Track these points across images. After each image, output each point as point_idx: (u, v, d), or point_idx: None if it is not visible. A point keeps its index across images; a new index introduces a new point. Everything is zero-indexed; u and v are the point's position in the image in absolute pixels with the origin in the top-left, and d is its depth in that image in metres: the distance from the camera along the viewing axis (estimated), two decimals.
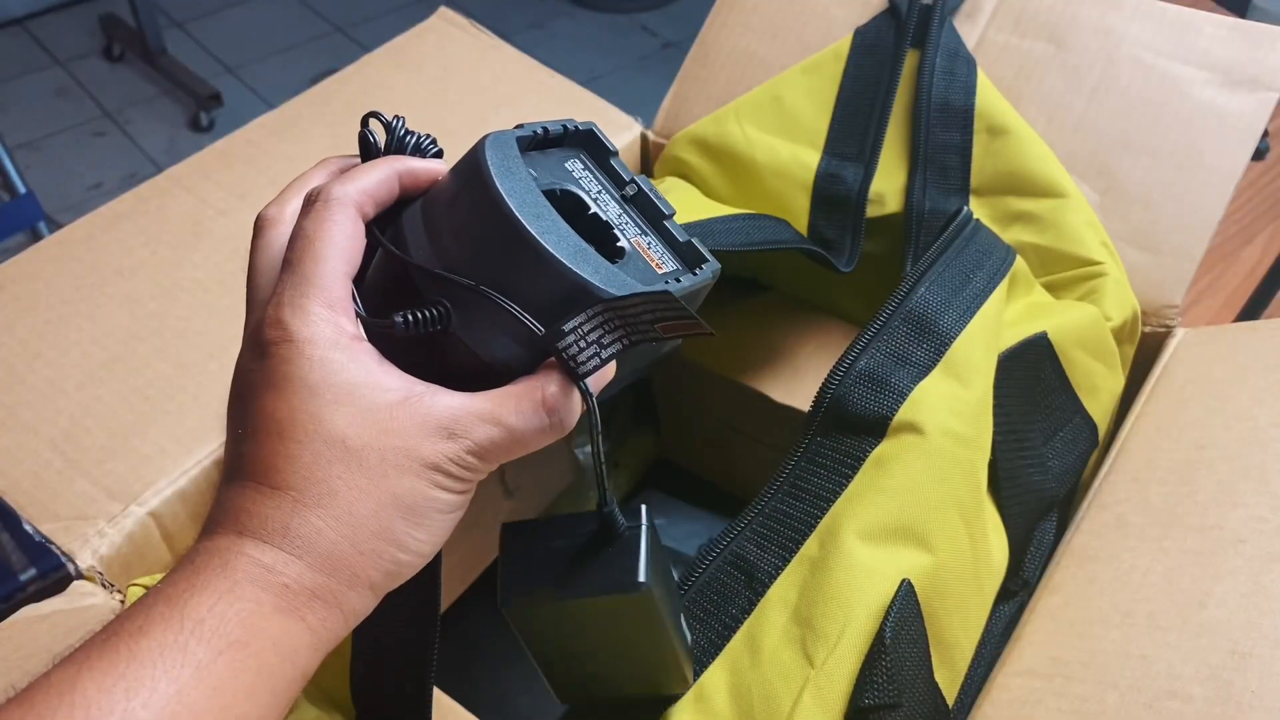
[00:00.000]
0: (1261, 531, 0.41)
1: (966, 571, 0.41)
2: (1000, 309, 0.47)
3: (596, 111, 0.66)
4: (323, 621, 0.26)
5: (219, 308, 0.52)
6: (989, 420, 0.44)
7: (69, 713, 0.22)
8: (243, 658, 0.24)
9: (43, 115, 1.80)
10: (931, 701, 0.39)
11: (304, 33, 2.06)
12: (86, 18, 2.01)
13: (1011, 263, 0.50)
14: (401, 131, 0.34)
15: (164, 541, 0.46)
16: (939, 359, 0.43)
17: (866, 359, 0.43)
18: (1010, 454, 0.45)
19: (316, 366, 0.27)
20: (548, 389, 0.28)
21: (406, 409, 0.27)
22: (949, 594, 0.40)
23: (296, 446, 0.26)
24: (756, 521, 0.41)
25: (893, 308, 0.45)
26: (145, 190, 0.58)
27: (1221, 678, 0.36)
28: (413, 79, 0.66)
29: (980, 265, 0.48)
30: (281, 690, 0.25)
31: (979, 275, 0.47)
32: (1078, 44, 0.59)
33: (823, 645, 0.37)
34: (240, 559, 0.26)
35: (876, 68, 0.60)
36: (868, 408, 0.42)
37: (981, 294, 0.47)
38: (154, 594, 0.26)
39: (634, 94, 0.74)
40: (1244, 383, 0.49)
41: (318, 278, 0.28)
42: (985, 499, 0.43)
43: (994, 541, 0.43)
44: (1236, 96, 0.56)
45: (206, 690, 0.24)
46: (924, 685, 0.38)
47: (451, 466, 0.27)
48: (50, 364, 0.49)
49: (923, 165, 0.58)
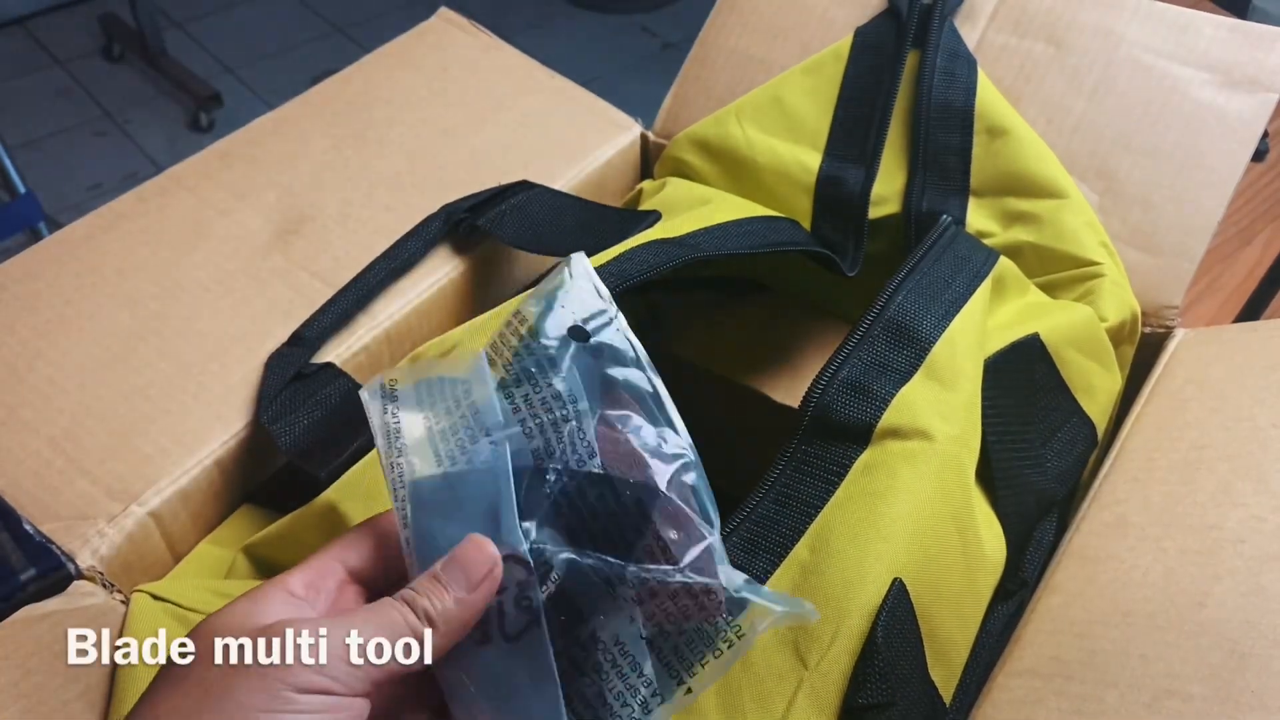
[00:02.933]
0: (1261, 531, 0.41)
1: (957, 568, 0.41)
2: (983, 312, 0.48)
3: (596, 111, 0.67)
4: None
5: (219, 307, 0.52)
6: (976, 420, 0.44)
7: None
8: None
9: (43, 115, 1.80)
10: (928, 699, 0.39)
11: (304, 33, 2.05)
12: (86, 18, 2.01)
13: (992, 266, 0.50)
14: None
15: (164, 541, 0.46)
16: (919, 364, 0.44)
17: (849, 369, 0.43)
18: (1006, 454, 0.46)
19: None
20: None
21: None
22: (941, 591, 0.40)
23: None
24: (744, 528, 0.41)
25: (872, 317, 0.45)
26: (145, 190, 0.58)
27: (1221, 677, 0.36)
28: (413, 79, 0.66)
29: (959, 270, 0.49)
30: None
31: (958, 280, 0.48)
32: (1078, 45, 0.59)
33: (816, 646, 0.37)
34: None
35: (877, 68, 0.60)
36: (852, 415, 0.42)
37: (960, 298, 0.47)
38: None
39: (634, 94, 0.74)
40: (1243, 383, 0.49)
41: None
42: (975, 496, 0.43)
43: (986, 537, 0.43)
44: (1236, 97, 0.56)
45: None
46: (919, 683, 0.39)
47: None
48: (50, 364, 0.49)
49: (922, 167, 0.58)
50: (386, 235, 0.56)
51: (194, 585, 0.42)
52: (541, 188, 0.59)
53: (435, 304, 0.56)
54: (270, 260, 0.55)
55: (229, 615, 0.28)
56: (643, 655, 0.30)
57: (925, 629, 0.39)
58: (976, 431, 0.44)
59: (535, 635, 0.28)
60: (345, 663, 0.26)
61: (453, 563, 0.28)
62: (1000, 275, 0.51)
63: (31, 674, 0.38)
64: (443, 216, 0.57)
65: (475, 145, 0.63)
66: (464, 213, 0.57)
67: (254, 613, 0.28)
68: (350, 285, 0.53)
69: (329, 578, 0.30)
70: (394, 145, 0.62)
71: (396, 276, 0.55)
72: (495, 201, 0.57)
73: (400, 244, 0.55)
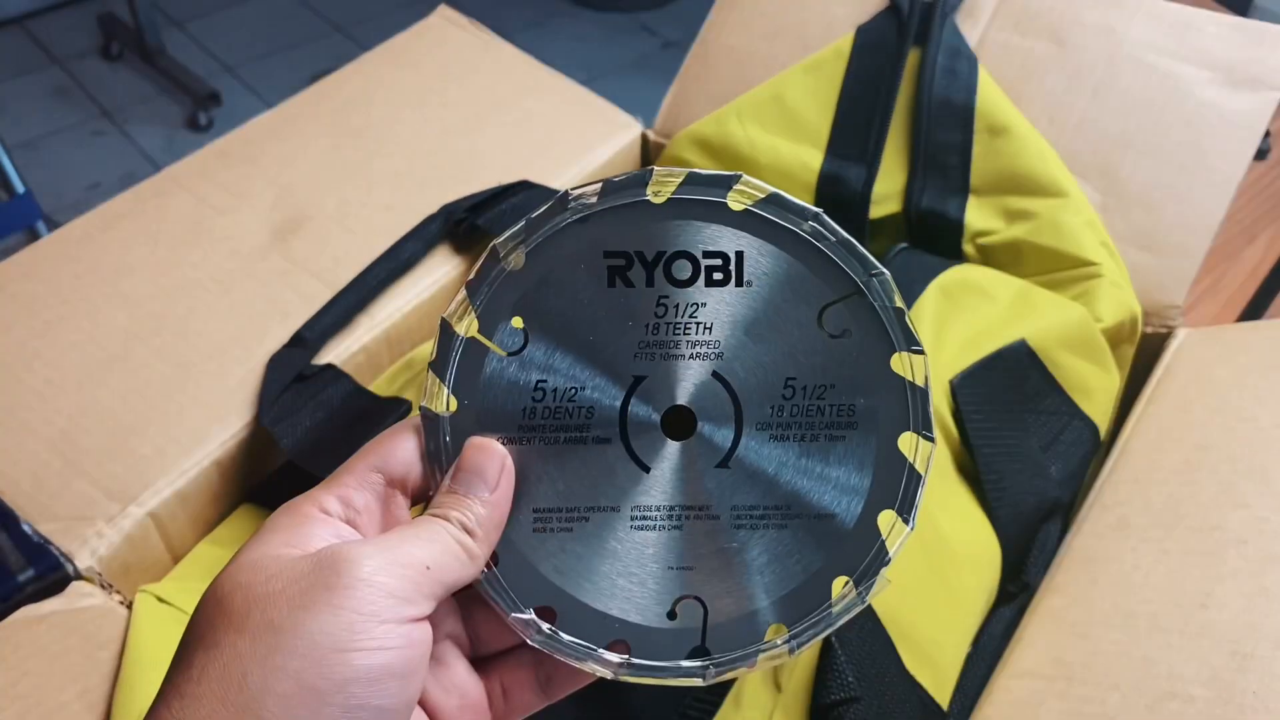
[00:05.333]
0: (1263, 532, 0.41)
1: (918, 566, 0.41)
2: (931, 315, 0.49)
3: (596, 110, 0.66)
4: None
5: (218, 307, 0.52)
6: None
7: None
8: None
9: (41, 114, 1.80)
10: (915, 699, 0.39)
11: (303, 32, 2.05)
12: (85, 17, 2.01)
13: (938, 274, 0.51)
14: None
15: (163, 542, 0.46)
16: None
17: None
18: (997, 459, 0.46)
19: None
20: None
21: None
22: (902, 589, 0.40)
23: None
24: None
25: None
26: (143, 190, 0.58)
27: (1223, 679, 0.36)
28: (412, 78, 0.66)
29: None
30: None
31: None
32: (1079, 43, 0.59)
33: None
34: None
35: (878, 66, 0.60)
36: None
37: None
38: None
39: (634, 94, 0.74)
40: (1246, 383, 0.49)
41: None
42: (947, 494, 0.44)
43: (962, 536, 0.44)
44: (1238, 96, 0.56)
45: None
46: (896, 681, 0.39)
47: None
48: (49, 364, 0.49)
49: (923, 166, 0.58)
50: (386, 235, 0.56)
51: (196, 591, 0.42)
52: (541, 188, 0.59)
53: (435, 304, 0.56)
54: (269, 260, 0.54)
55: (265, 547, 0.25)
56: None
57: (894, 630, 0.40)
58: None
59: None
60: (413, 584, 0.25)
61: (462, 471, 0.27)
62: (942, 285, 0.52)
63: (29, 675, 0.37)
64: (443, 216, 0.57)
65: (475, 145, 0.62)
66: (464, 213, 0.56)
67: (295, 540, 0.25)
68: (350, 286, 0.53)
69: (366, 490, 0.27)
70: (393, 144, 0.62)
71: (396, 277, 0.54)
72: (495, 201, 0.57)
73: (400, 244, 0.55)
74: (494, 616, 0.28)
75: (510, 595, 0.28)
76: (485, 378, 0.28)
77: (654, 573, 0.28)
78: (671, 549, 0.28)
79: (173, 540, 0.47)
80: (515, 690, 0.29)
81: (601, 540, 0.28)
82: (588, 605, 0.28)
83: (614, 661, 0.28)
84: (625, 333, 0.28)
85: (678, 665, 0.28)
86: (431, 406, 0.28)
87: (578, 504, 0.28)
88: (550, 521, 0.28)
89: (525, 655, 0.29)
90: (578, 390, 0.28)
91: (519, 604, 0.28)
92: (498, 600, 0.28)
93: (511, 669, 0.29)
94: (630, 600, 0.28)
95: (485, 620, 0.29)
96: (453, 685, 0.28)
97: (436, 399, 0.28)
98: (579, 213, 0.27)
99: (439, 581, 0.25)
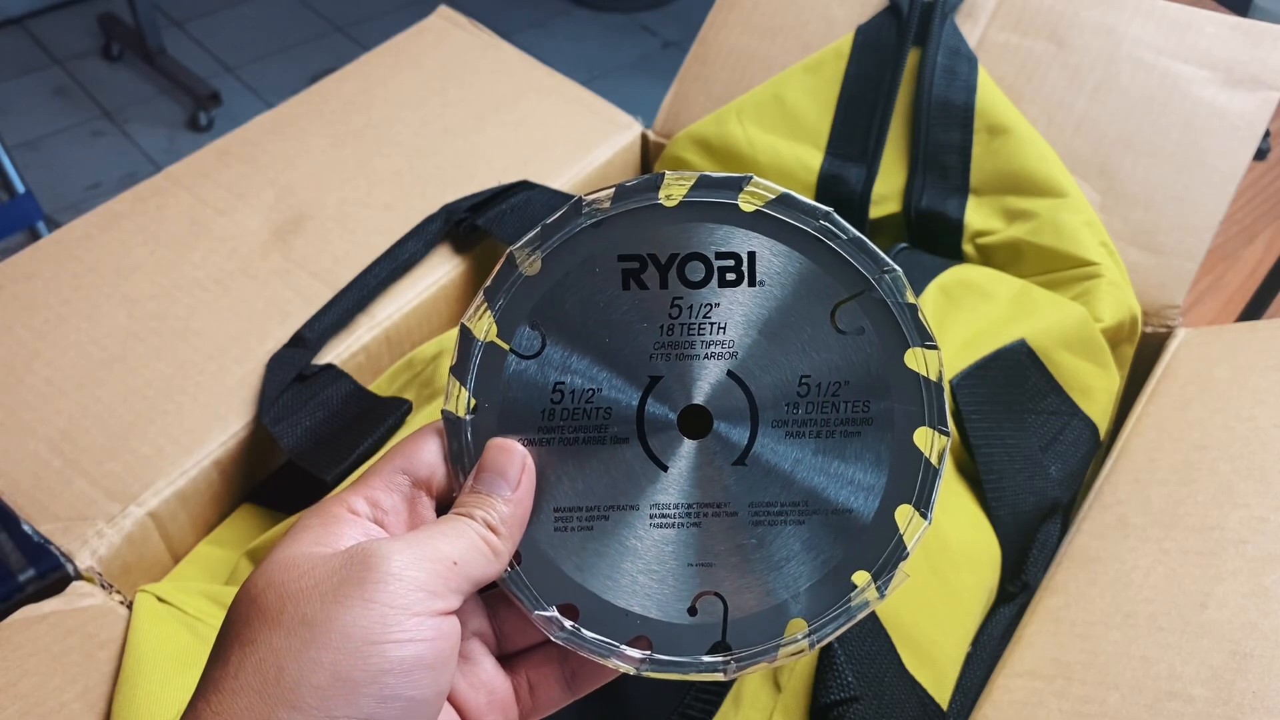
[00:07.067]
0: (1262, 532, 0.41)
1: (917, 568, 0.41)
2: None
3: (596, 110, 0.66)
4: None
5: (218, 307, 0.52)
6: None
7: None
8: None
9: (41, 115, 1.80)
10: (915, 699, 0.39)
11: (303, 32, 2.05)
12: (85, 17, 2.01)
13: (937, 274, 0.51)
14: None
15: (163, 542, 0.46)
16: None
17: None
18: (996, 459, 0.46)
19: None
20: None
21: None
22: (902, 590, 0.40)
23: None
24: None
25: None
26: (144, 190, 0.58)
27: (1223, 678, 0.36)
28: (412, 78, 0.66)
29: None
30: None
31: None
32: (1079, 43, 0.59)
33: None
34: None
35: (878, 66, 0.60)
36: None
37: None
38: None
39: (634, 94, 0.74)
40: (1245, 383, 0.49)
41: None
42: (947, 493, 0.44)
43: (962, 535, 0.44)
44: (1238, 96, 0.56)
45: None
46: (896, 681, 0.39)
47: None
48: (49, 364, 0.49)
49: (922, 166, 0.58)
50: (386, 235, 0.56)
51: (196, 591, 0.42)
52: (541, 188, 0.59)
53: (435, 304, 0.56)
54: (269, 260, 0.54)
55: (296, 546, 0.26)
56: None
57: (894, 630, 0.40)
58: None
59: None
60: (441, 578, 0.25)
61: (484, 471, 0.28)
62: (941, 285, 0.51)
63: (29, 675, 0.37)
64: (443, 216, 0.57)
65: (475, 144, 0.62)
66: (464, 213, 0.56)
67: (325, 539, 0.26)
68: (350, 286, 0.53)
69: (393, 491, 0.28)
70: (393, 144, 0.62)
71: (396, 277, 0.55)
72: (495, 201, 0.57)
73: (400, 244, 0.55)
74: (519, 614, 0.29)
75: (533, 593, 0.28)
76: (505, 380, 0.28)
77: (674, 569, 0.28)
78: (691, 546, 0.28)
79: (173, 540, 0.47)
80: (541, 686, 0.30)
81: (621, 538, 0.28)
82: (609, 602, 0.28)
83: (636, 657, 0.28)
84: (641, 334, 0.28)
85: (699, 660, 0.28)
86: (453, 410, 0.28)
87: (597, 503, 0.29)
88: (571, 520, 0.29)
89: (551, 652, 0.30)
90: (595, 391, 0.28)
91: (542, 602, 0.28)
92: (521, 598, 0.28)
93: (537, 666, 0.30)
94: (651, 597, 0.28)
95: (510, 618, 0.30)
96: (481, 682, 0.28)
97: (458, 402, 0.28)
98: (593, 217, 0.28)
99: (465, 577, 0.26)
